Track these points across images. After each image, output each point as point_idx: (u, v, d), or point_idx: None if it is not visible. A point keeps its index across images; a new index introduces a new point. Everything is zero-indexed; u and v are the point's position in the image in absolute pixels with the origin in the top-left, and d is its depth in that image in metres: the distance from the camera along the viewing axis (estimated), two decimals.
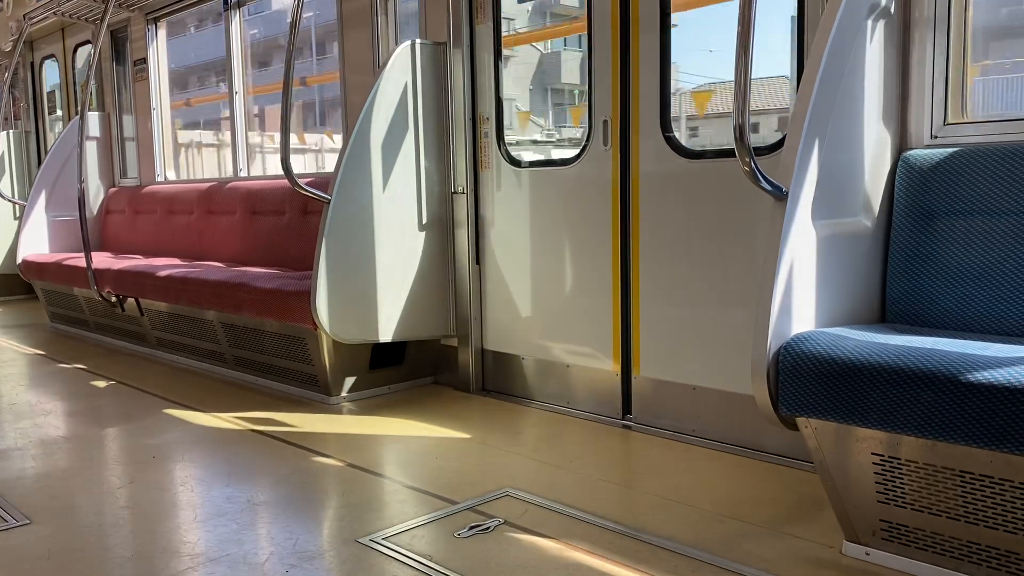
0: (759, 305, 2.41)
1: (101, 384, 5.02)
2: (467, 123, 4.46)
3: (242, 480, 3.29)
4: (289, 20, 4.18)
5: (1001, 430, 2.03)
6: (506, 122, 4.43)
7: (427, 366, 4.78)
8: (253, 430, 3.96)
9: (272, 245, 5.61)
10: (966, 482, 2.19)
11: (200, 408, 4.38)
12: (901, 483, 2.31)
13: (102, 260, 6.25)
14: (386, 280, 4.35)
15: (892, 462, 2.31)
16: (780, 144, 3.30)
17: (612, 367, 3.99)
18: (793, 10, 3.27)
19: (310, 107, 22.59)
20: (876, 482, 2.36)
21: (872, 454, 2.34)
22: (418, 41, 4.43)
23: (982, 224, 2.62)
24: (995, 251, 2.58)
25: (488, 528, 2.75)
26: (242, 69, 6.47)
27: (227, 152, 6.69)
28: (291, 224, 5.48)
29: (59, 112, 8.93)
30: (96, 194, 7.53)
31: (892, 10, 2.79)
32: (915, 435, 2.19)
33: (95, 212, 7.50)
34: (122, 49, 7.44)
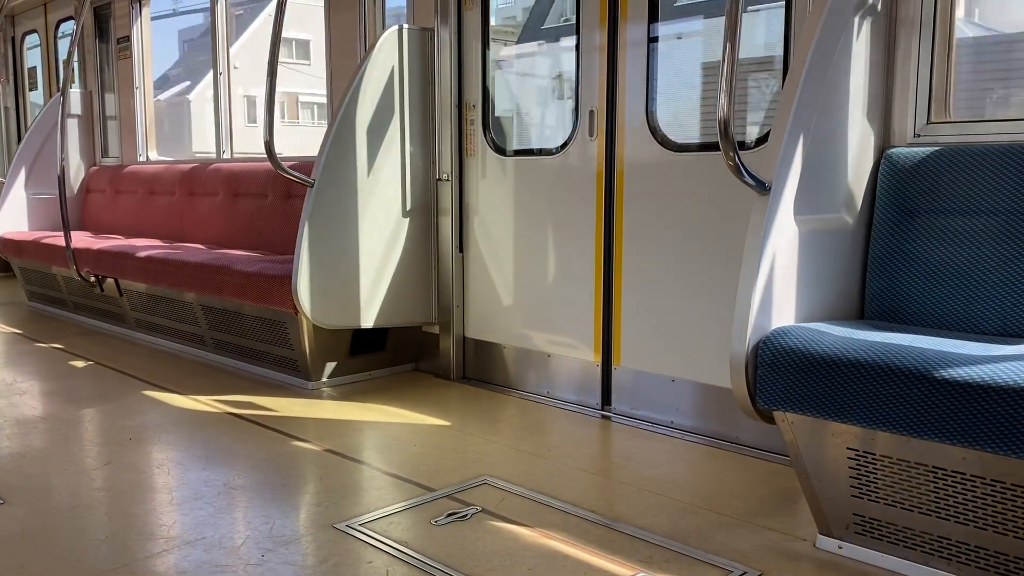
0: (739, 299, 2.42)
1: (78, 364, 4.98)
2: (453, 110, 4.44)
3: (219, 463, 3.28)
4: (276, 1, 4.13)
5: (975, 427, 2.05)
6: None
7: (408, 353, 4.77)
8: (231, 413, 3.95)
9: (254, 228, 5.57)
10: (939, 478, 2.22)
11: (178, 390, 4.35)
12: (875, 478, 2.34)
13: (82, 239, 6.19)
14: (368, 266, 4.34)
15: (867, 457, 2.33)
16: (764, 139, 3.31)
17: (593, 357, 4.00)
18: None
19: None
20: (850, 476, 2.38)
21: (847, 449, 2.36)
22: (405, 26, 4.40)
23: (962, 223, 2.64)
24: (974, 250, 2.60)
25: (465, 516, 2.76)
26: (226, 48, 6.41)
27: None
28: (273, 207, 5.45)
29: (40, 88, 8.81)
30: (77, 173, 7.45)
31: (879, 8, 2.80)
32: (890, 431, 2.21)
33: (75, 191, 7.42)
34: (105, 26, 7.34)
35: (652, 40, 3.66)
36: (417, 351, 4.78)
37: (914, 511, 2.29)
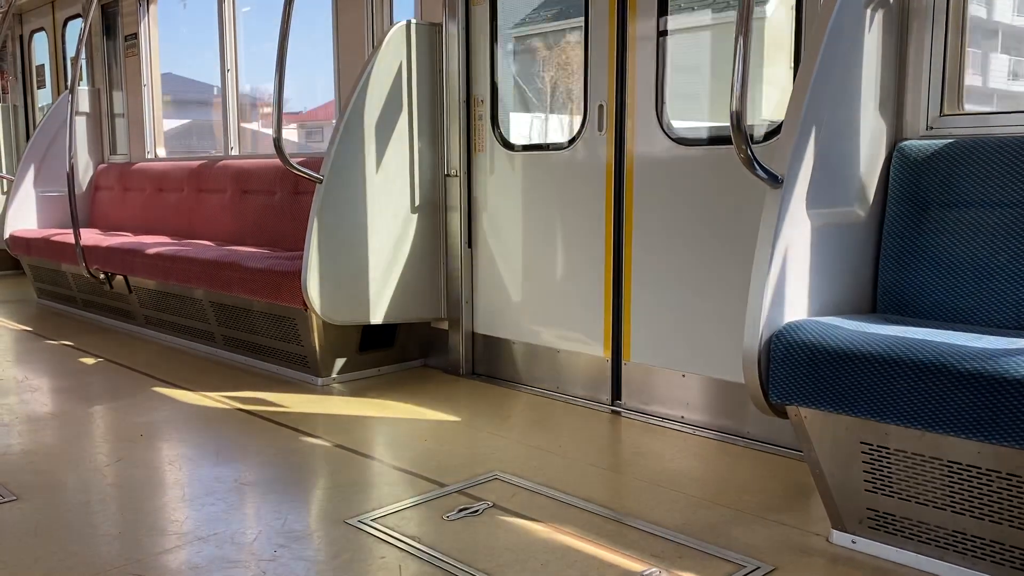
0: (752, 293, 2.41)
1: (89, 361, 4.99)
2: (461, 105, 4.43)
3: (230, 460, 3.28)
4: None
5: (989, 421, 2.04)
6: None
7: (417, 349, 4.77)
8: (242, 410, 3.95)
9: (262, 224, 5.57)
10: (953, 472, 2.21)
11: (188, 387, 4.36)
12: (889, 472, 2.32)
13: (90, 237, 6.20)
14: (377, 262, 4.34)
15: (880, 451, 2.32)
16: (775, 132, 3.30)
17: (602, 353, 3.99)
18: None
19: None
20: (864, 471, 2.37)
21: (861, 443, 2.35)
22: (413, 21, 4.39)
23: (975, 216, 2.62)
24: (987, 243, 2.58)
25: (477, 511, 2.76)
26: (234, 46, 6.41)
27: None
28: (282, 204, 5.44)
29: (48, 86, 8.83)
30: (85, 170, 7.46)
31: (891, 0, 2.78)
32: (904, 425, 2.20)
33: (84, 188, 7.44)
34: (113, 24, 7.36)
35: (662, 34, 3.65)
36: (426, 347, 4.78)
37: (929, 505, 2.28)
